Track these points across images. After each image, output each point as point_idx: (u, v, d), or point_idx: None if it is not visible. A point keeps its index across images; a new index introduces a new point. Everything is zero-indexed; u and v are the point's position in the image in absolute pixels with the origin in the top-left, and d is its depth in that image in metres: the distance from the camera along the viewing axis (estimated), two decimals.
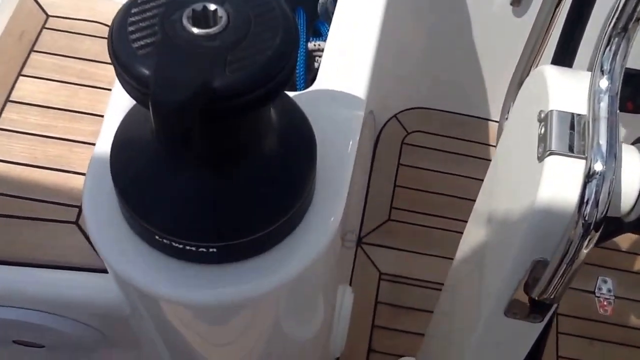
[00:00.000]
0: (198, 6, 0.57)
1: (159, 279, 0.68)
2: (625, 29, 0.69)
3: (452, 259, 1.17)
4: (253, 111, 0.57)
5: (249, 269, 0.68)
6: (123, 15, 0.58)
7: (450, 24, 1.59)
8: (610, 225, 0.99)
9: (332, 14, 1.05)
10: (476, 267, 0.97)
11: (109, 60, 0.57)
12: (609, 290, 1.72)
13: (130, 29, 0.56)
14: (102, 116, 1.11)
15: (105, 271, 0.96)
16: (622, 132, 1.74)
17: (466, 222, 1.09)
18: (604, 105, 0.69)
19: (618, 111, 0.70)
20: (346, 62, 0.89)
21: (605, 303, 1.69)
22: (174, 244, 0.66)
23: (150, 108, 0.53)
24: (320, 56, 1.09)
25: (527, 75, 1.19)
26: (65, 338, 1.01)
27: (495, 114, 1.78)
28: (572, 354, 1.55)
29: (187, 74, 0.53)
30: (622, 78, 0.71)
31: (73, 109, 1.12)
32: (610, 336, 1.58)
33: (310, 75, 1.12)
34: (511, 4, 1.50)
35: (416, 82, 1.74)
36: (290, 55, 0.57)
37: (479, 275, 0.94)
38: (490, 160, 1.04)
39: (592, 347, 1.57)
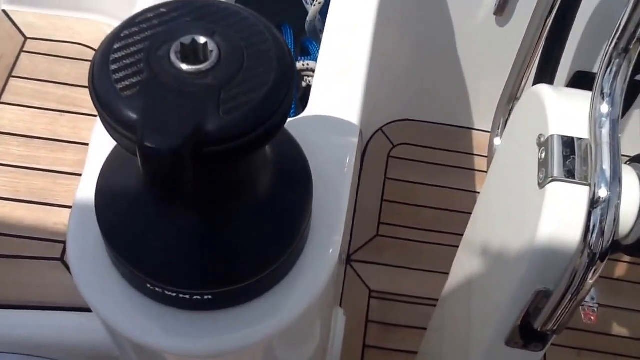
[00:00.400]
0: (187, 39, 0.52)
1: (152, 328, 0.64)
2: (626, 50, 0.67)
3: (441, 273, 1.15)
4: (248, 154, 0.54)
5: (247, 314, 0.65)
6: (105, 51, 0.53)
7: (434, 36, 1.58)
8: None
9: (320, 31, 1.04)
10: (473, 293, 0.96)
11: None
12: (592, 299, 1.72)
13: (113, 67, 0.52)
14: (86, 144, 1.08)
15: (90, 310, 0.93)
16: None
17: (457, 235, 1.07)
18: (605, 130, 0.68)
19: (620, 135, 0.69)
20: (338, 86, 0.87)
21: (589, 312, 1.68)
22: (166, 292, 0.62)
23: (138, 155, 0.50)
24: (309, 75, 1.07)
25: (518, 89, 1.18)
26: None
27: (480, 124, 1.77)
28: None
29: (178, 118, 0.49)
30: (622, 100, 0.70)
31: (56, 138, 1.09)
32: (596, 345, 1.58)
33: (299, 94, 1.10)
34: (495, 14, 1.49)
35: (401, 94, 1.73)
36: (287, 90, 0.54)
37: (476, 302, 0.92)
38: (478, 171, 1.03)
39: (580, 358, 1.56)
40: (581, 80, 1.57)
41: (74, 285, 0.93)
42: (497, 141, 1.36)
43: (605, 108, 0.68)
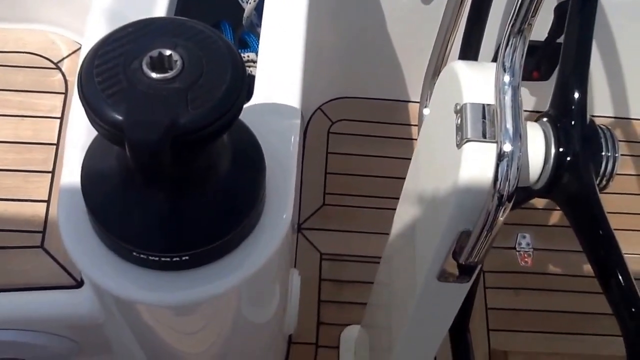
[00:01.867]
0: (154, 53, 0.65)
1: (141, 288, 0.77)
2: (520, 30, 0.80)
3: (385, 233, 1.29)
4: (215, 139, 0.66)
5: (218, 269, 0.79)
6: (88, 67, 0.64)
7: (364, 17, 1.69)
8: (522, 193, 1.14)
9: (257, 25, 1.15)
10: (409, 241, 1.10)
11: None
12: (528, 244, 1.91)
13: (97, 79, 0.63)
14: (49, 144, 1.18)
15: (74, 287, 1.04)
16: (532, 99, 1.90)
17: (396, 199, 1.21)
18: (508, 97, 0.80)
19: (521, 99, 0.81)
20: (279, 74, 0.99)
21: (525, 256, 1.88)
22: (150, 257, 0.75)
23: (127, 148, 0.62)
24: (250, 66, 1.17)
25: (441, 64, 1.32)
26: (43, 350, 1.08)
27: (412, 95, 1.90)
28: (500, 304, 1.72)
29: (156, 116, 0.61)
30: (521, 70, 0.83)
31: (20, 141, 1.17)
32: (532, 284, 1.75)
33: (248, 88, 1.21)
34: None
35: (336, 74, 1.85)
36: (241, 86, 0.67)
37: (412, 248, 1.06)
38: (412, 140, 1.15)
39: (517, 296, 1.73)
40: None
41: (57, 267, 1.04)
42: (425, 111, 1.49)
43: (507, 78, 0.80)
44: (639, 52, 1.79)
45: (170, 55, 0.65)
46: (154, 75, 0.63)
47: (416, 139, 1.82)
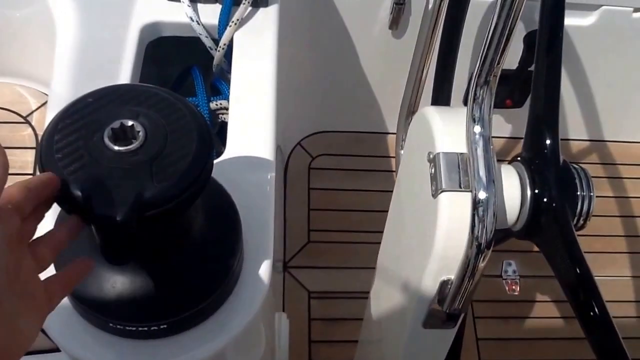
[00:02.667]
0: (115, 124, 0.62)
1: (119, 358, 0.75)
2: (487, 82, 0.80)
3: (372, 268, 1.28)
4: (182, 212, 0.65)
5: (199, 334, 0.77)
6: (48, 143, 0.62)
7: (337, 53, 1.71)
8: (501, 234, 1.13)
9: (227, 72, 1.14)
10: (394, 287, 1.09)
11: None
12: (514, 272, 1.90)
13: (58, 155, 0.61)
14: None
15: (56, 350, 1.02)
16: (508, 126, 1.91)
17: (380, 232, 1.20)
18: (479, 147, 0.80)
19: (492, 147, 0.81)
20: (251, 124, 0.98)
21: (512, 284, 1.87)
22: (127, 327, 0.73)
23: (93, 226, 0.60)
24: (223, 113, 1.17)
25: (415, 103, 1.32)
26: None
27: (390, 127, 1.91)
28: (490, 334, 1.71)
29: (121, 192, 0.59)
30: (491, 120, 0.83)
31: None
32: (521, 312, 1.75)
33: (216, 129, 1.20)
34: (390, 28, 1.63)
35: (313, 109, 1.85)
36: (208, 154, 0.65)
37: (397, 293, 1.05)
38: (392, 172, 1.15)
39: (507, 325, 1.73)
40: None
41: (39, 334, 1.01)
42: (402, 153, 1.50)
43: (477, 129, 0.80)
44: (609, 76, 1.81)
45: (133, 125, 0.63)
46: (116, 147, 0.61)
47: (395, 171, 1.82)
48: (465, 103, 0.85)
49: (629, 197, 1.95)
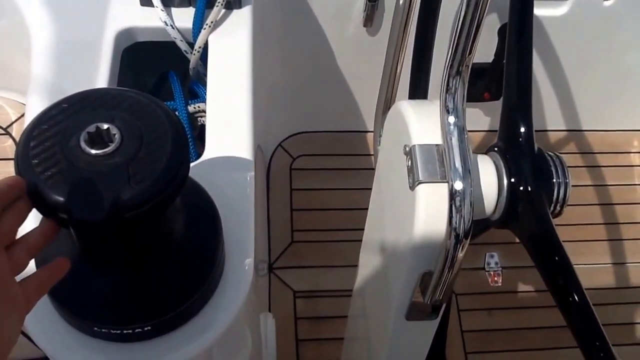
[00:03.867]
0: (91, 128, 0.63)
1: None
2: (459, 72, 0.81)
3: (355, 266, 1.29)
4: (160, 212, 0.65)
5: (182, 336, 0.77)
6: (24, 149, 0.62)
7: (313, 54, 1.72)
8: (480, 224, 1.15)
9: (204, 74, 1.15)
10: (376, 281, 1.10)
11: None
12: (497, 264, 1.93)
13: (34, 161, 0.61)
14: None
15: (45, 358, 1.02)
16: (487, 119, 1.93)
17: (362, 230, 1.20)
18: (454, 137, 0.81)
19: (467, 137, 0.82)
20: (228, 124, 0.99)
21: (495, 275, 1.89)
22: (112, 330, 0.73)
23: (72, 230, 0.61)
24: (201, 116, 1.17)
25: (390, 99, 1.33)
26: None
27: (369, 125, 1.92)
28: (475, 326, 1.72)
29: (98, 196, 0.59)
30: (464, 110, 0.84)
31: None
32: (505, 303, 1.76)
33: (196, 133, 1.20)
34: (364, 26, 1.64)
35: (292, 110, 1.86)
36: (184, 154, 0.65)
37: (379, 288, 1.06)
38: (373, 169, 1.16)
39: (491, 317, 1.75)
40: None
41: (26, 342, 1.01)
42: (379, 149, 1.50)
43: (451, 119, 0.81)
44: (583, 66, 1.83)
45: (108, 128, 0.63)
46: (93, 151, 0.62)
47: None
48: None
49: (607, 185, 1.98)
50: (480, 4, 0.74)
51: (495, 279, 1.80)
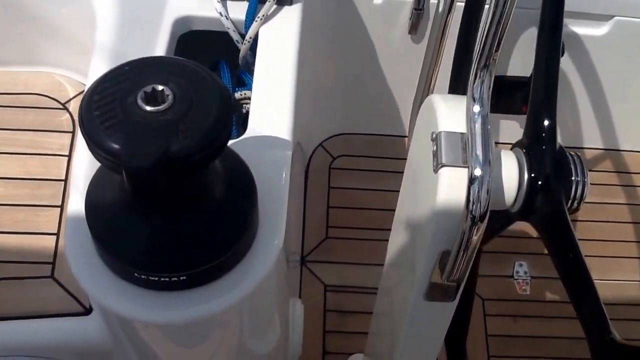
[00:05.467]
0: (148, 88, 0.72)
1: (140, 307, 0.83)
2: (486, 65, 0.87)
3: None
4: (205, 166, 0.73)
5: (214, 290, 0.85)
6: (88, 102, 0.71)
7: (358, 58, 1.78)
8: (503, 218, 1.20)
9: (252, 64, 1.23)
10: (400, 266, 1.15)
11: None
12: (525, 273, 1.96)
13: (96, 113, 0.70)
14: (58, 180, 1.25)
15: (83, 314, 1.11)
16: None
17: None
18: (478, 125, 0.86)
19: (489, 127, 0.88)
20: (271, 109, 1.07)
21: (523, 284, 1.92)
22: (150, 277, 0.81)
23: (124, 175, 0.69)
24: (247, 103, 1.25)
25: (427, 97, 1.39)
26: None
27: (407, 129, 1.98)
28: (499, 331, 1.76)
29: (150, 145, 0.68)
30: (489, 101, 0.89)
31: (30, 177, 1.25)
32: (530, 312, 1.79)
33: (240, 120, 1.29)
34: (409, 33, 1.70)
35: (335, 112, 1.93)
36: (228, 118, 0.73)
37: (403, 272, 1.12)
38: None
39: (516, 324, 1.77)
40: (496, 82, 1.79)
41: (65, 296, 1.10)
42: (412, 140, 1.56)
43: (477, 108, 0.87)
44: (624, 85, 1.86)
45: (163, 90, 0.72)
46: (147, 108, 0.70)
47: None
48: None
49: None
50: (509, 1, 0.80)
51: (523, 287, 1.83)
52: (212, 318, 0.87)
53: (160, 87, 0.72)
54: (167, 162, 0.68)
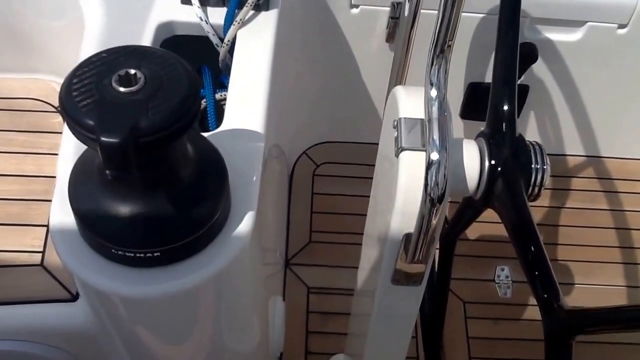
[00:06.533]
0: (122, 72, 0.79)
1: (118, 281, 0.88)
2: (442, 51, 0.93)
3: None
4: (175, 141, 0.79)
5: (187, 267, 0.90)
6: (67, 84, 0.78)
7: (338, 67, 1.85)
8: (470, 207, 1.24)
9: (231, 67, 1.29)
10: (372, 259, 1.20)
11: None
12: (507, 277, 1.99)
13: (74, 93, 0.77)
14: (50, 177, 1.31)
15: (70, 300, 1.16)
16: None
17: None
18: (435, 109, 0.91)
19: (446, 112, 0.93)
20: (244, 105, 1.13)
21: (504, 287, 1.96)
22: (127, 253, 0.86)
23: (98, 148, 0.74)
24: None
25: None
26: None
27: None
28: (480, 333, 1.79)
29: (121, 121, 0.74)
30: (446, 86, 0.95)
31: (24, 174, 1.33)
32: (511, 315, 1.83)
33: (221, 119, 1.34)
34: (387, 41, 1.76)
35: (317, 120, 1.99)
36: (194, 97, 0.79)
37: (372, 253, 1.16)
38: None
39: (497, 326, 1.81)
40: (475, 89, 1.86)
41: (55, 284, 1.16)
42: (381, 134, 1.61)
43: (433, 93, 0.92)
44: (601, 91, 1.91)
45: (135, 73, 0.78)
46: (121, 89, 0.77)
47: None
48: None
49: (623, 211, 2.04)
50: None
51: (504, 291, 1.88)
52: (185, 294, 0.92)
53: (132, 71, 0.79)
54: (136, 136, 0.74)
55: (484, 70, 1.81)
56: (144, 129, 0.74)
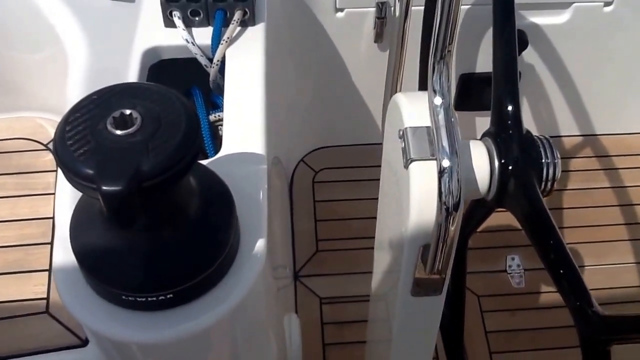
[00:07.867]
0: (116, 114, 0.74)
1: (130, 329, 0.84)
2: (442, 57, 0.90)
3: None
4: (178, 181, 0.75)
5: (203, 305, 0.86)
6: (61, 133, 0.74)
7: (328, 71, 1.82)
8: (481, 206, 1.21)
9: (223, 87, 1.25)
10: (387, 268, 1.17)
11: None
12: (518, 266, 1.97)
13: (69, 142, 0.73)
14: (45, 218, 1.28)
15: (80, 346, 1.12)
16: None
17: None
18: (441, 116, 0.89)
19: (453, 118, 0.90)
20: (243, 126, 1.09)
21: (516, 277, 1.93)
22: (138, 298, 0.83)
23: (100, 198, 0.71)
24: (222, 125, 1.27)
25: None
26: None
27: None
28: (498, 327, 1.77)
29: (122, 167, 0.70)
30: (450, 92, 0.92)
31: (19, 218, 1.28)
32: (527, 304, 1.80)
33: (217, 142, 1.31)
34: (375, 42, 1.74)
35: (312, 126, 1.96)
36: (195, 134, 0.76)
37: (390, 274, 1.13)
38: None
39: (514, 317, 1.79)
40: (467, 80, 1.84)
41: (62, 329, 1.12)
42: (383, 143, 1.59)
43: (438, 100, 0.90)
44: (591, 71, 1.89)
45: (131, 113, 0.74)
46: (117, 132, 0.73)
47: None
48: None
49: (625, 187, 2.02)
50: None
51: (517, 280, 1.85)
52: (203, 333, 0.88)
53: (128, 111, 0.75)
54: (140, 181, 0.70)
55: (473, 61, 1.79)
56: (147, 173, 0.71)
